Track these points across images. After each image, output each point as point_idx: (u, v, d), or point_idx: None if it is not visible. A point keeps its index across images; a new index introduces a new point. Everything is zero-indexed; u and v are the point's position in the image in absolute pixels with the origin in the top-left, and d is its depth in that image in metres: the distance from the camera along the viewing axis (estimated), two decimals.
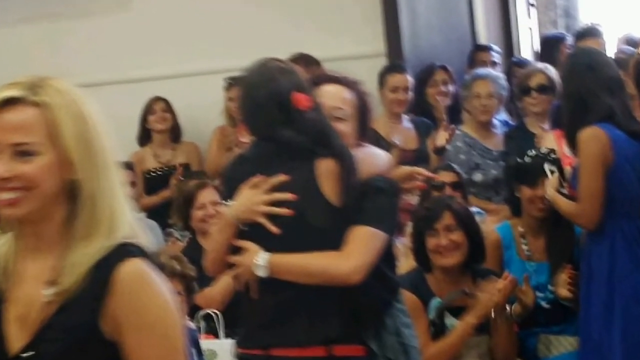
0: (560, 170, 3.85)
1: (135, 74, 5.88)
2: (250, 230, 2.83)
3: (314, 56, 5.25)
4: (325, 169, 2.76)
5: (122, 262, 1.68)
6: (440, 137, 4.72)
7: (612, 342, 3.63)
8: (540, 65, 5.11)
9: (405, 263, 3.76)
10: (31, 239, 1.73)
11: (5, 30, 6.03)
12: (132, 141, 5.59)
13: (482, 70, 5.17)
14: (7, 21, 6.01)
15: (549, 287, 3.79)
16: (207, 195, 4.28)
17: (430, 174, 3.82)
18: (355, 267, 2.73)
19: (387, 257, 2.86)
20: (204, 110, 5.63)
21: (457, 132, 4.81)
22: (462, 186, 4.31)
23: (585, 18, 7.49)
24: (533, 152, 3.97)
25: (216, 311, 3.80)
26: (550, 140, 4.37)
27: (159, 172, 5.59)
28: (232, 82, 5.13)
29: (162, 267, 1.75)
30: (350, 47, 5.53)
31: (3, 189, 1.68)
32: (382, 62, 5.39)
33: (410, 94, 5.09)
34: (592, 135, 3.65)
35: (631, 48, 5.69)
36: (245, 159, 2.95)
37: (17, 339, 1.70)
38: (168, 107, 5.64)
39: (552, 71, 4.83)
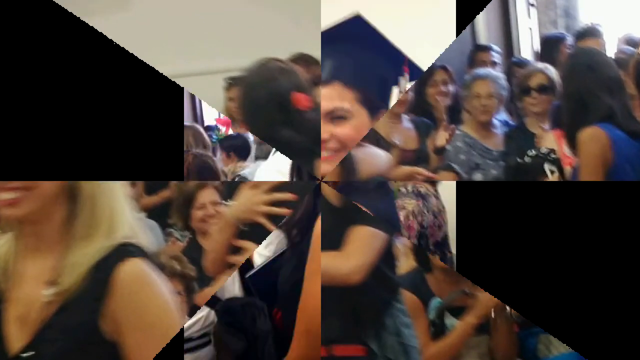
0: (560, 170, 3.85)
1: None
2: (250, 230, 2.83)
3: (314, 56, 5.24)
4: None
5: (122, 262, 1.68)
6: (440, 137, 4.71)
7: None
8: (540, 65, 5.10)
9: (405, 263, 3.75)
10: (31, 239, 1.73)
11: None
12: None
13: (482, 70, 5.16)
14: None
15: None
16: (207, 195, 4.28)
17: (430, 174, 3.83)
18: (355, 267, 2.72)
19: (387, 257, 2.86)
20: None
21: (457, 132, 4.80)
22: None
23: (585, 18, 7.46)
24: (533, 152, 3.97)
25: None
26: (550, 140, 4.37)
27: None
28: (232, 82, 5.13)
29: (162, 267, 1.75)
30: None
31: (3, 189, 1.68)
32: None
33: (410, 94, 5.09)
34: (592, 135, 3.65)
35: (631, 48, 5.68)
36: None
37: (17, 339, 1.70)
38: None
39: (552, 71, 4.83)
